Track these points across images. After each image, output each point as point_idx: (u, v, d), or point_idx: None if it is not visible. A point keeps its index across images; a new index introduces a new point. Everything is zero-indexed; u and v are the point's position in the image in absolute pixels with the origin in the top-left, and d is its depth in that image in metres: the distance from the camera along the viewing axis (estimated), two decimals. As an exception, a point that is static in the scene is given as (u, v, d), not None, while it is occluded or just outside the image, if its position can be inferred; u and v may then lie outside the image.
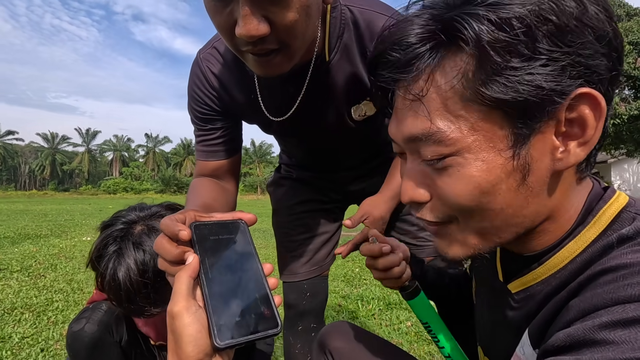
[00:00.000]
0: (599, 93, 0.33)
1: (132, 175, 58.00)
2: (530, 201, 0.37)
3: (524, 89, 0.32)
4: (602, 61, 0.33)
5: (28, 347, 1.79)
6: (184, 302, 0.39)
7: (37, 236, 5.78)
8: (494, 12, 0.32)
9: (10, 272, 3.32)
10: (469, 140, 0.35)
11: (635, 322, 0.28)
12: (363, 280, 3.23)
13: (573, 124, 0.35)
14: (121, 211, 0.86)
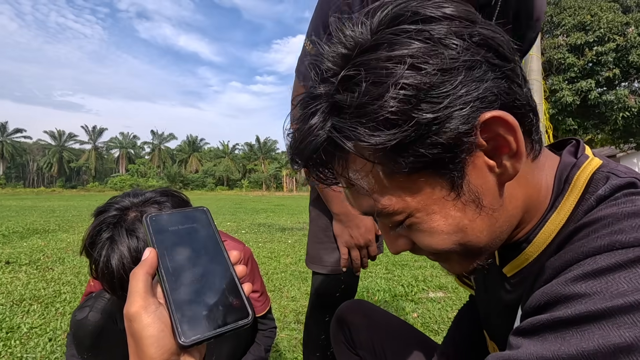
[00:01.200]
0: (499, 111, 0.34)
1: (138, 172, 58.43)
2: (498, 216, 0.39)
3: (430, 152, 0.34)
4: (487, 82, 0.34)
5: (36, 337, 1.81)
6: (141, 302, 0.36)
7: (45, 231, 5.85)
8: (364, 118, 0.33)
9: (19, 265, 3.36)
10: (413, 203, 0.38)
11: (605, 271, 0.29)
12: (369, 273, 3.22)
13: (496, 140, 0.36)
14: (115, 197, 0.84)
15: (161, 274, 0.38)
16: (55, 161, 64.06)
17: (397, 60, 0.32)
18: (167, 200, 0.82)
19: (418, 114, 0.32)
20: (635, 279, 0.27)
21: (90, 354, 0.96)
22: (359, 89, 0.33)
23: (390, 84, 0.32)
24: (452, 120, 0.33)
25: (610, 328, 0.26)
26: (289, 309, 2.27)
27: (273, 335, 1.22)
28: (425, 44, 0.33)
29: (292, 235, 5.69)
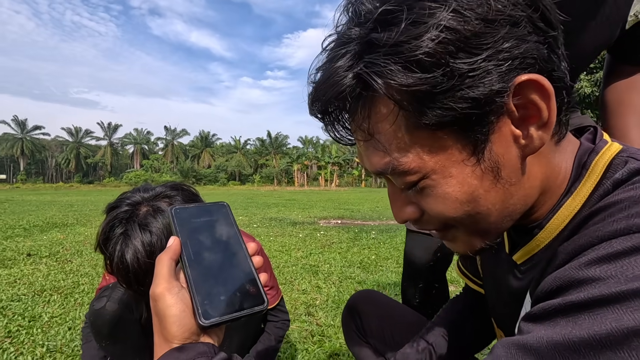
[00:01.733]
0: (537, 75, 0.32)
1: (152, 168, 59.43)
2: (514, 191, 0.37)
3: (459, 106, 0.32)
4: (528, 43, 0.32)
5: (57, 326, 1.87)
6: (165, 284, 0.38)
7: (64, 225, 6.02)
8: (398, 56, 0.31)
9: (39, 258, 3.48)
10: (430, 163, 0.36)
11: (620, 255, 0.28)
12: (379, 266, 3.21)
13: (527, 109, 0.34)
14: (126, 193, 0.85)
15: (184, 260, 0.41)
16: (73, 157, 65.66)
17: (442, 1, 0.31)
18: (177, 194, 0.83)
19: (454, 62, 0.31)
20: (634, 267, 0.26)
21: (108, 342, 0.99)
22: (397, 27, 0.31)
23: (430, 24, 0.30)
24: (488, 75, 0.31)
25: (624, 312, 0.25)
26: (300, 302, 2.30)
27: (285, 327, 1.24)
28: None
29: (303, 229, 5.72)
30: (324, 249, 4.03)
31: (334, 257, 3.60)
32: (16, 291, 2.44)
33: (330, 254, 3.78)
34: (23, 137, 63.69)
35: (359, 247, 4.12)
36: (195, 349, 0.37)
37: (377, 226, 6.18)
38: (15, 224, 6.00)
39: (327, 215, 8.31)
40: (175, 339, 0.37)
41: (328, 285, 2.65)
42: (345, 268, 3.17)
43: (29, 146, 64.13)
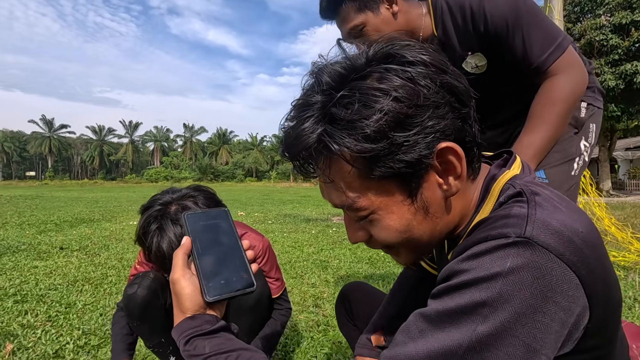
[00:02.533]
0: (452, 143, 0.44)
1: (172, 165, 60.89)
2: (439, 221, 0.50)
3: (397, 166, 0.43)
4: (447, 120, 0.44)
5: (90, 312, 2.09)
6: (180, 271, 0.54)
7: (91, 220, 6.38)
8: (352, 130, 0.42)
9: (70, 251, 3.76)
10: (377, 203, 0.47)
11: (479, 254, 0.41)
12: (387, 263, 3.33)
13: (446, 165, 0.46)
14: (156, 195, 1.03)
15: (193, 254, 0.56)
16: (97, 155, 67.96)
17: (384, 91, 0.41)
18: (199, 194, 1.01)
19: (393, 136, 0.42)
20: (495, 259, 0.39)
21: (138, 322, 1.16)
22: (352, 107, 0.42)
23: (376, 109, 0.41)
24: (417, 144, 0.42)
25: (476, 291, 0.39)
26: (309, 294, 2.45)
27: (288, 314, 1.38)
28: (407, 82, 0.42)
29: (316, 225, 5.87)
30: (335, 245, 4.17)
31: (344, 253, 3.73)
32: (52, 281, 2.69)
33: (340, 250, 3.92)
34: (50, 136, 66.41)
35: (369, 244, 4.23)
36: (202, 318, 0.53)
37: (389, 223, 6.26)
38: (47, 219, 6.41)
39: (340, 212, 8.40)
40: (188, 310, 0.53)
41: (336, 280, 2.79)
42: (354, 264, 3.30)
43: (56, 144, 66.82)
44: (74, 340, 1.72)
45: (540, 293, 0.37)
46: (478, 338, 0.38)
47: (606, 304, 0.42)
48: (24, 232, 4.91)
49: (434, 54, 0.46)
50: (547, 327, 0.38)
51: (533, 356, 0.38)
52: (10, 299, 2.27)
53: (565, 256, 0.38)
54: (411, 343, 0.42)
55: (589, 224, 0.43)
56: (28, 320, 1.95)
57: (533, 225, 0.40)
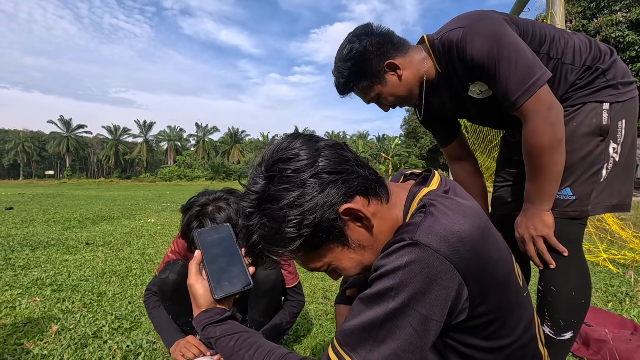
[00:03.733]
0: (345, 204, 0.60)
1: (185, 164, 61.86)
2: (376, 245, 0.67)
3: (320, 237, 0.62)
4: (333, 191, 0.59)
5: (119, 301, 2.30)
6: (194, 277, 0.74)
7: (111, 218, 6.69)
8: (277, 242, 0.62)
9: (96, 246, 4.02)
10: (327, 260, 0.65)
11: (390, 253, 0.58)
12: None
13: (354, 214, 0.62)
14: (193, 197, 1.22)
15: (204, 263, 0.76)
16: (112, 154, 69.48)
17: (285, 205, 0.58)
18: (231, 196, 1.21)
19: (304, 229, 0.58)
20: (397, 257, 0.57)
21: (169, 302, 1.36)
22: (268, 227, 0.60)
23: (285, 221, 0.58)
24: (323, 219, 0.59)
25: (387, 279, 0.57)
26: (318, 287, 2.62)
27: (299, 306, 1.55)
28: (297, 190, 0.57)
29: (326, 224, 6.03)
30: (344, 243, 4.33)
31: (353, 250, 3.88)
32: (83, 273, 2.93)
33: (349, 247, 4.07)
34: (68, 136, 68.23)
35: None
36: (213, 311, 0.74)
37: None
38: (70, 216, 6.74)
39: (351, 210, 8.56)
40: (203, 306, 0.74)
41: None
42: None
43: (74, 144, 68.60)
44: (109, 323, 1.93)
45: (427, 278, 0.55)
46: (390, 311, 0.56)
47: (483, 281, 0.59)
48: (50, 229, 5.22)
49: (302, 152, 0.60)
50: (434, 301, 0.55)
51: (427, 322, 0.56)
52: (48, 288, 2.51)
53: (442, 250, 0.55)
54: (352, 319, 0.59)
55: (470, 224, 0.59)
56: (66, 306, 2.17)
57: (421, 231, 0.57)
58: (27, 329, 1.85)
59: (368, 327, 0.57)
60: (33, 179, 61.32)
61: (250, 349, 0.67)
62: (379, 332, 0.56)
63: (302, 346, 1.72)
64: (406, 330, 0.55)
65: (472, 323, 0.62)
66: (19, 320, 1.96)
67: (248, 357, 0.66)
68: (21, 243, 4.08)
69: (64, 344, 1.69)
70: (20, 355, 1.58)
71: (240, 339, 0.69)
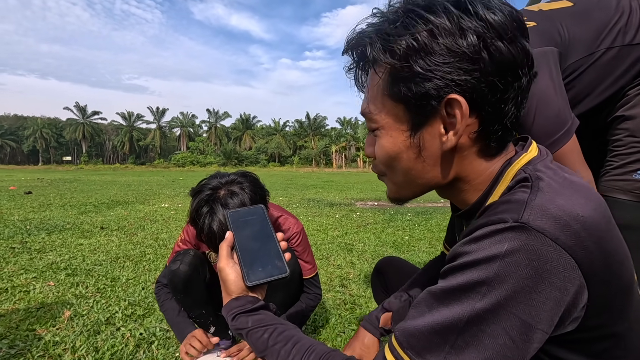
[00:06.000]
0: (462, 97, 0.46)
1: (198, 150, 62.38)
2: (429, 169, 0.53)
3: (410, 94, 0.48)
4: (470, 77, 0.46)
5: (133, 286, 2.26)
6: (225, 261, 0.64)
7: (126, 202, 6.73)
8: (385, 42, 0.48)
9: (110, 230, 4.02)
10: (384, 121, 0.53)
11: (479, 238, 0.45)
12: (412, 247, 3.36)
13: (451, 119, 0.49)
14: (204, 180, 1.09)
15: (235, 246, 0.66)
16: (127, 140, 70.54)
17: (426, 22, 0.46)
18: (244, 180, 1.07)
19: (412, 62, 0.46)
20: (493, 243, 0.43)
21: (181, 295, 1.27)
22: (395, 24, 0.48)
23: (410, 32, 0.46)
24: (430, 81, 0.46)
25: (475, 271, 0.43)
26: (335, 275, 2.53)
27: (316, 299, 1.45)
28: (452, 25, 0.45)
29: (339, 210, 5.95)
30: (359, 229, 4.23)
31: (369, 237, 3.79)
32: (97, 257, 2.91)
33: (365, 233, 3.98)
34: (84, 122, 69.36)
35: (394, 228, 4.26)
36: (245, 299, 0.63)
37: (413, 208, 6.25)
38: (86, 201, 6.81)
39: (364, 197, 8.46)
40: (234, 293, 0.63)
41: (361, 262, 2.86)
42: (379, 247, 3.35)
43: (89, 130, 69.78)
44: (122, 310, 1.88)
45: (535, 274, 0.41)
46: (476, 313, 0.42)
47: (607, 284, 0.45)
48: (67, 213, 5.27)
49: (507, 20, 0.46)
50: (542, 304, 0.41)
51: (528, 331, 0.42)
52: (63, 272, 2.49)
53: (561, 239, 0.41)
54: (420, 317, 0.47)
55: (594, 209, 0.45)
56: (80, 291, 2.14)
57: (530, 211, 0.43)
58: (40, 314, 1.81)
59: (444, 330, 0.44)
60: (51, 165, 62.92)
61: (287, 344, 0.57)
62: (460, 337, 0.43)
63: (321, 338, 1.63)
64: (499, 339, 0.42)
65: (580, 336, 0.48)
66: (33, 305, 1.92)
67: (285, 353, 0.56)
68: (38, 227, 4.11)
69: (76, 330, 1.65)
70: (32, 341, 1.53)
71: (275, 331, 0.59)
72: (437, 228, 4.25)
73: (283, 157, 63.52)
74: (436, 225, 4.41)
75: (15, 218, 4.71)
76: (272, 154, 63.47)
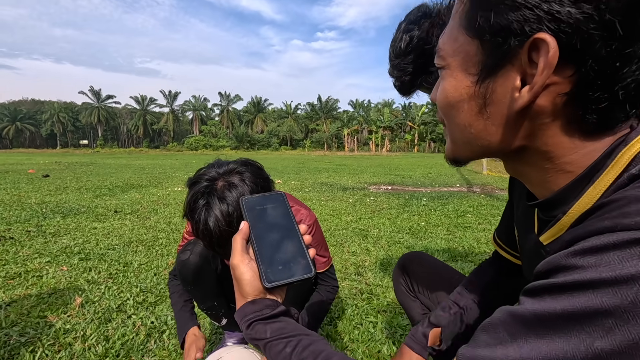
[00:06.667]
0: (552, 39, 0.33)
1: (210, 133, 62.66)
2: (492, 131, 0.42)
3: (486, 26, 0.37)
4: (567, 7, 0.32)
5: (145, 272, 2.23)
6: (239, 257, 0.53)
7: (140, 186, 6.77)
8: None
9: (124, 214, 4.02)
10: (451, 59, 0.43)
11: (601, 249, 0.31)
12: (429, 233, 3.25)
13: (531, 68, 0.36)
14: (202, 169, 0.97)
15: (252, 239, 0.54)
16: (141, 124, 71.27)
17: None
18: (246, 169, 0.94)
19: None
20: (626, 258, 0.30)
21: (192, 286, 1.20)
22: None
23: None
24: (515, 11, 0.34)
25: (595, 296, 0.30)
26: (350, 262, 2.45)
27: (334, 291, 1.36)
28: None
29: (353, 194, 5.84)
30: (374, 214, 4.13)
31: (383, 223, 3.68)
32: (110, 242, 2.90)
33: (379, 219, 3.88)
34: (99, 106, 70.24)
35: (409, 214, 4.15)
36: (263, 302, 0.52)
37: (428, 193, 6.09)
38: (101, 184, 6.89)
39: (378, 181, 8.32)
40: (249, 295, 0.52)
41: (377, 249, 2.77)
42: (395, 233, 3.25)
43: (104, 114, 70.70)
44: (133, 297, 1.84)
45: None
46: (596, 356, 0.29)
47: None
48: (82, 196, 5.32)
49: None
50: None
51: None
52: (76, 257, 2.48)
53: None
54: (499, 347, 0.34)
55: None
56: (92, 277, 2.12)
57: None
58: (52, 300, 1.79)
59: None
60: (69, 148, 64.35)
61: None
62: None
63: (338, 330, 1.56)
64: None
65: None
66: (45, 290, 1.91)
67: None
68: (54, 210, 4.15)
69: (87, 318, 1.62)
70: (43, 329, 1.51)
71: (299, 345, 0.49)
72: (454, 214, 4.11)
73: (295, 140, 63.30)
74: (453, 211, 4.27)
75: (32, 201, 4.78)
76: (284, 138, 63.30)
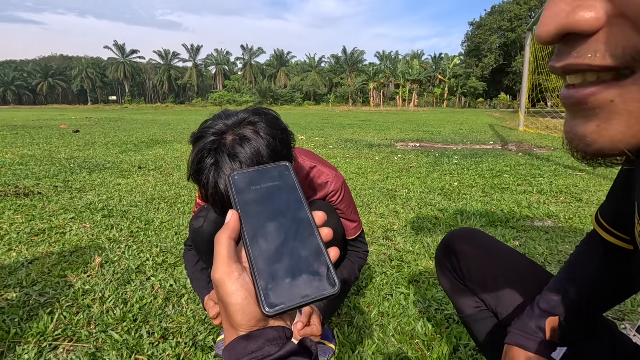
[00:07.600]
0: None
1: (234, 88, 62.08)
2: None
3: None
4: None
5: (166, 230, 2.18)
6: (225, 268, 0.33)
7: (164, 142, 6.79)
8: None
9: (147, 170, 4.01)
10: None
11: None
12: (463, 194, 3.02)
13: None
14: (207, 121, 0.80)
15: (244, 237, 0.35)
16: (165, 79, 71.47)
17: None
18: (259, 119, 0.76)
19: None
20: None
21: (207, 256, 1.09)
22: None
23: None
24: None
25: None
26: (377, 225, 2.30)
27: (365, 257, 1.22)
28: None
29: (379, 152, 5.58)
30: (402, 173, 3.91)
31: (412, 182, 3.47)
32: (133, 198, 2.87)
33: (408, 178, 3.66)
34: (124, 61, 70.54)
35: (440, 173, 3.89)
36: (263, 336, 0.33)
37: (459, 150, 5.73)
38: (127, 139, 6.96)
39: (405, 137, 7.95)
40: (241, 327, 0.33)
41: (406, 211, 2.59)
42: (425, 194, 3.04)
43: (129, 69, 71.13)
44: (153, 257, 1.79)
45: None
46: None
47: None
48: (108, 152, 5.37)
49: None
50: None
51: None
52: (99, 213, 2.46)
53: None
54: None
55: None
56: (114, 235, 2.09)
57: None
58: (73, 258, 1.76)
59: None
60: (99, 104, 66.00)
61: None
62: None
63: (366, 301, 1.44)
64: None
65: None
66: (67, 248, 1.89)
67: None
68: (81, 165, 4.20)
69: (106, 278, 1.58)
70: (62, 289, 1.48)
71: None
72: (489, 173, 3.82)
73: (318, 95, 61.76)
74: (488, 170, 3.97)
75: (61, 156, 4.87)
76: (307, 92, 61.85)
